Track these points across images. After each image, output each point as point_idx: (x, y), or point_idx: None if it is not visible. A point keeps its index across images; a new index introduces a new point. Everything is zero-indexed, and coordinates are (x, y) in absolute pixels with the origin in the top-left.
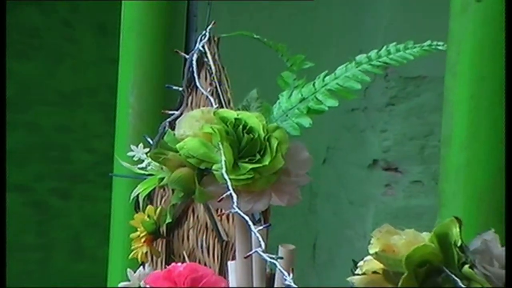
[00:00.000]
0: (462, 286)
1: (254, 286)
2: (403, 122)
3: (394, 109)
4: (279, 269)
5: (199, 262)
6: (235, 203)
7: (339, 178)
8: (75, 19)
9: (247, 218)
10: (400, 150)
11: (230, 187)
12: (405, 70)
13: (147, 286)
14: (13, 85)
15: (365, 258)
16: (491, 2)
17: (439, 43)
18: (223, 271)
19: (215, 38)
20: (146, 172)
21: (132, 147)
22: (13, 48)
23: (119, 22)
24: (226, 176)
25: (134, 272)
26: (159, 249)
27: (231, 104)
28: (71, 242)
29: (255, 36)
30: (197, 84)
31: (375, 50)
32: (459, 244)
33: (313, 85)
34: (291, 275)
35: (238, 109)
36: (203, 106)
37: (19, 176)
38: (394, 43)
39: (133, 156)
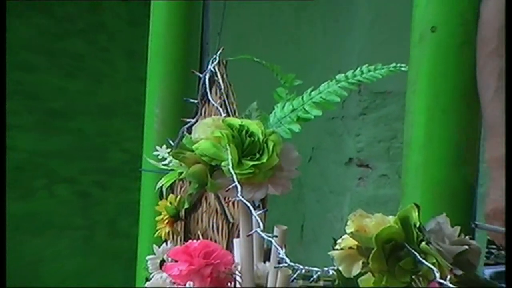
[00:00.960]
0: (420, 259)
1: (254, 259)
2: (373, 128)
3: (366, 117)
4: (274, 245)
5: (211, 240)
6: (239, 193)
7: (322, 173)
8: (112, 46)
9: (248, 204)
10: (370, 150)
11: (235, 180)
12: (375, 86)
13: (169, 258)
14: (63, 99)
15: (342, 237)
16: (443, 32)
17: (402, 65)
18: (229, 247)
19: (224, 61)
20: (168, 168)
21: (157, 148)
22: (63, 69)
23: (147, 48)
24: (232, 171)
25: (159, 247)
26: (179, 229)
27: (236, 114)
28: (109, 223)
29: (255, 59)
30: (209, 97)
31: (351, 71)
32: (417, 225)
33: (302, 98)
34: (283, 250)
35: (242, 118)
36: (214, 115)
37: (67, 171)
38: (367, 65)
39: (158, 155)
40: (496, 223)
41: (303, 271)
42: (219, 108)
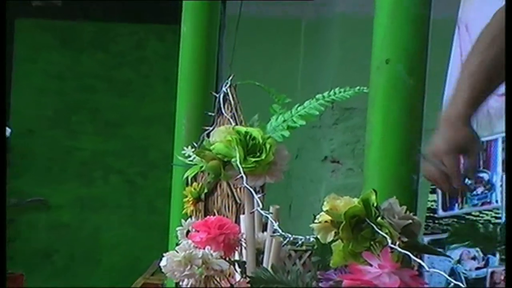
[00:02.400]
0: (377, 229)
1: (256, 229)
2: (342, 134)
3: (337, 127)
4: (270, 220)
5: (223, 216)
6: (245, 181)
7: (305, 167)
8: (152, 73)
9: (251, 190)
10: (340, 151)
11: (241, 172)
12: (344, 104)
13: (193, 229)
14: (116, 113)
15: (320, 214)
16: (394, 64)
17: (364, 88)
18: (238, 221)
19: (234, 85)
20: (192, 163)
21: (185, 148)
22: (116, 91)
23: (177, 75)
24: (239, 165)
25: (185, 221)
26: (200, 208)
27: (243, 123)
28: (148, 204)
29: (257, 83)
30: (223, 111)
31: (327, 92)
32: (375, 205)
33: (290, 112)
34: (277, 223)
35: (247, 126)
36: (226, 125)
37: (119, 165)
38: (338, 88)
39: (185, 153)
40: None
41: (291, 238)
42: (230, 119)
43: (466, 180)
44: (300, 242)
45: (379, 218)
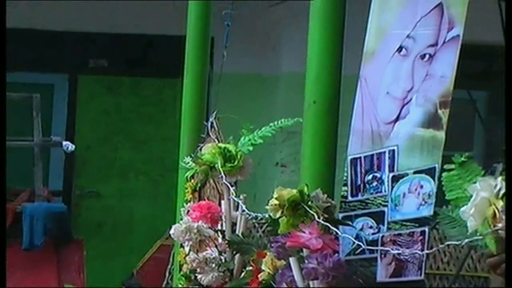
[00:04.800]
0: (308, 209)
1: (231, 210)
2: (288, 148)
3: (285, 143)
4: (240, 204)
5: (210, 201)
6: (224, 179)
7: (264, 169)
8: (167, 110)
9: (228, 184)
10: (287, 159)
11: (222, 173)
12: (289, 128)
13: (191, 210)
14: (143, 135)
15: (272, 199)
16: (321, 104)
17: (300, 119)
18: (220, 205)
19: (217, 117)
20: (191, 167)
21: (186, 158)
22: (143, 120)
23: (181, 110)
24: (220, 169)
25: (186, 204)
26: (196, 196)
27: (222, 142)
28: (164, 194)
29: (231, 116)
30: (210, 134)
31: (276, 122)
32: (307, 194)
33: (254, 134)
34: (244, 206)
35: (225, 143)
36: (212, 143)
37: (145, 169)
38: (283, 119)
39: (186, 161)
40: None
41: (254, 215)
42: (215, 139)
43: None
44: (260, 218)
45: (309, 202)
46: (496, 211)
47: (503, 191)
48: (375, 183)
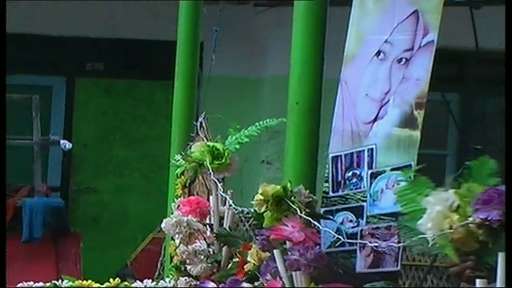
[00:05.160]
0: (291, 204)
1: (219, 204)
2: (272, 147)
3: (270, 142)
4: (228, 199)
5: (199, 196)
6: (212, 175)
7: (250, 166)
8: (159, 111)
9: (216, 181)
10: (272, 157)
11: (210, 170)
12: (274, 128)
13: (181, 204)
14: (137, 134)
15: (257, 195)
16: (304, 105)
17: (284, 119)
18: (208, 200)
19: (206, 117)
20: (180, 164)
21: (176, 156)
22: (137, 121)
23: (171, 113)
24: (209, 166)
25: (177, 199)
26: (186, 191)
27: (211, 140)
28: (156, 189)
29: (219, 116)
30: (199, 133)
31: (261, 122)
32: (290, 190)
33: (240, 133)
34: (232, 201)
35: (213, 142)
36: (201, 141)
37: (139, 166)
38: (268, 119)
39: (177, 159)
40: None
41: (241, 210)
42: (203, 138)
43: None
44: (246, 212)
45: (292, 198)
46: (453, 224)
47: (456, 204)
48: (354, 180)
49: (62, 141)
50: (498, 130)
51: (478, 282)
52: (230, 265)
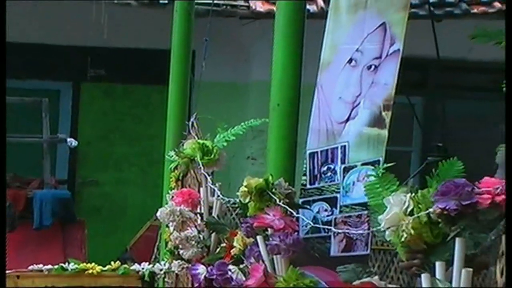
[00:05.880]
0: (272, 195)
1: (208, 195)
2: (257, 144)
3: (254, 140)
4: (216, 191)
5: (191, 188)
6: (202, 169)
7: (237, 162)
8: (155, 112)
9: (206, 174)
10: (256, 153)
11: (201, 164)
12: (258, 127)
13: (174, 196)
14: (135, 133)
15: (242, 187)
16: (284, 106)
17: (267, 119)
18: (199, 192)
19: (197, 118)
20: (174, 159)
21: (170, 152)
22: (135, 120)
23: (166, 115)
24: (199, 161)
25: (171, 191)
26: (179, 184)
27: (201, 138)
28: (153, 182)
29: (209, 117)
30: (191, 132)
31: (246, 122)
32: (272, 182)
33: (227, 132)
34: (220, 192)
35: (204, 140)
36: (192, 139)
37: (136, 161)
38: (252, 120)
39: (171, 155)
40: None
41: (228, 200)
42: (194, 136)
43: None
44: (232, 202)
45: (273, 190)
46: (404, 227)
47: (410, 208)
48: (329, 173)
49: (68, 139)
50: (457, 129)
51: (423, 277)
52: (218, 249)
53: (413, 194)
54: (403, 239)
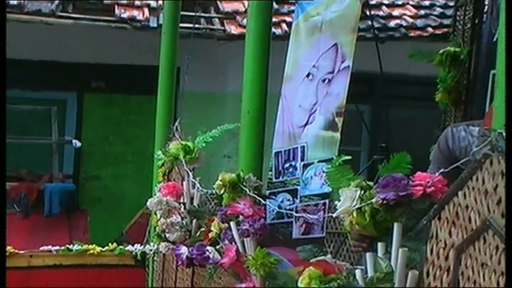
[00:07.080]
0: (243, 187)
1: (190, 188)
2: (232, 144)
3: (230, 141)
4: (197, 184)
5: (176, 182)
6: (185, 166)
7: (215, 159)
8: (148, 118)
9: (188, 170)
10: (231, 152)
11: (183, 162)
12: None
13: (161, 188)
14: (131, 135)
15: (217, 180)
16: (254, 113)
17: (239, 124)
18: (182, 185)
19: (181, 123)
20: (161, 158)
21: (158, 152)
22: (132, 125)
23: (155, 122)
24: (182, 159)
25: (158, 184)
26: (165, 179)
27: (184, 139)
28: (145, 177)
29: (191, 121)
30: (176, 135)
31: (222, 126)
32: (242, 177)
33: (206, 135)
34: (200, 185)
35: (186, 141)
36: (176, 141)
37: (132, 158)
38: (227, 124)
39: (158, 154)
40: None
41: (206, 191)
42: (178, 138)
43: None
44: (210, 193)
45: (244, 183)
46: (351, 222)
47: (357, 206)
48: (291, 169)
49: (73, 141)
50: (398, 132)
51: (368, 255)
52: (198, 233)
53: (362, 192)
54: (352, 228)
